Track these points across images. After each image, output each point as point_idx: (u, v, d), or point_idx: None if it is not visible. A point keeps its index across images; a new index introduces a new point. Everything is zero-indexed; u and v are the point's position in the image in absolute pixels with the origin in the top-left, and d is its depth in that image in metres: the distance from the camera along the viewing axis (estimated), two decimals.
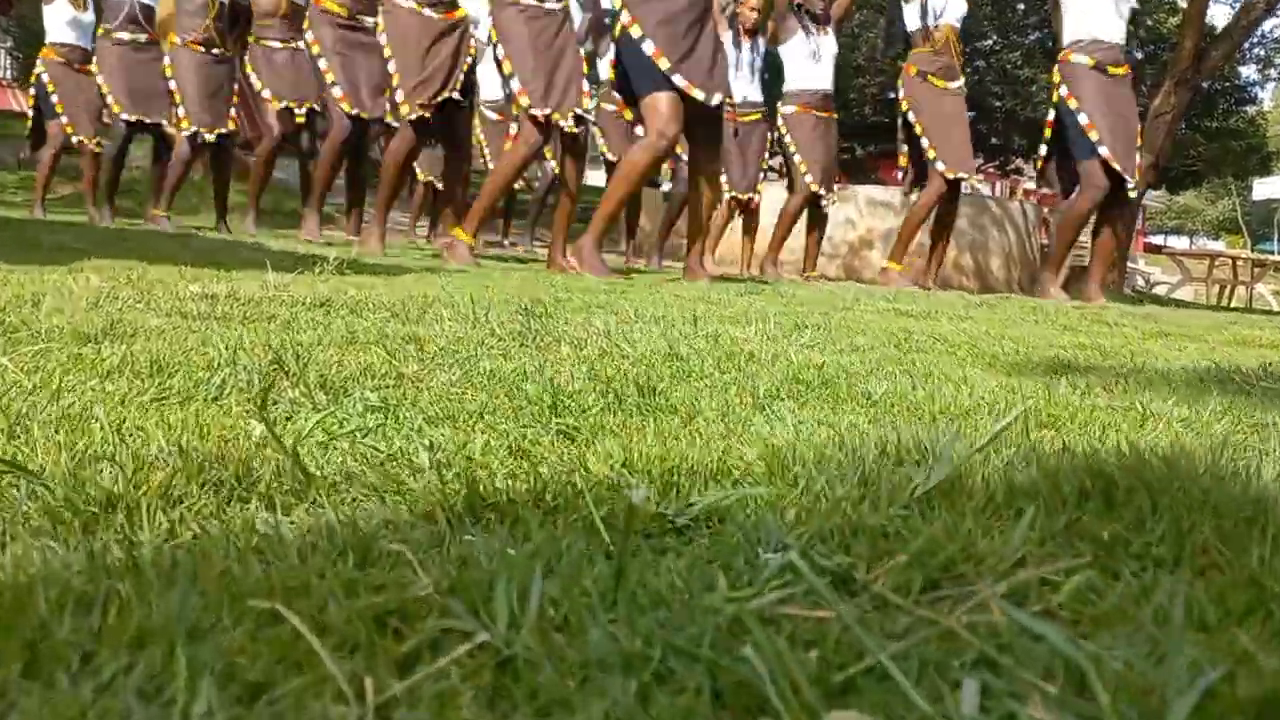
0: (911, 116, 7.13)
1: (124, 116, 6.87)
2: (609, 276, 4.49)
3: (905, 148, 7.44)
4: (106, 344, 1.23)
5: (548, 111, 4.66)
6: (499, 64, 4.78)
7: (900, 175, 8.13)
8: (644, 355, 1.44)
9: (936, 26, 7.09)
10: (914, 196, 7.92)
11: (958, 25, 7.34)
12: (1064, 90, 6.26)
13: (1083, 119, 6.19)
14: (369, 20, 5.94)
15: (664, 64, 4.35)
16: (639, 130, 4.62)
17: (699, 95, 4.37)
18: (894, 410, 1.14)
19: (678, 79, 4.35)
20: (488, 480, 0.70)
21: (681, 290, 3.80)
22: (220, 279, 2.25)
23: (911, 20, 7.31)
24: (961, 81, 7.41)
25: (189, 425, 0.80)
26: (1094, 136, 6.18)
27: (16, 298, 1.55)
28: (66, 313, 1.44)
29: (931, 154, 7.02)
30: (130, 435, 0.76)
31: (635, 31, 4.39)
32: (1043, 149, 6.66)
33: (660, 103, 4.38)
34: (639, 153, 4.49)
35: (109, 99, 6.93)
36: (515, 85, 4.74)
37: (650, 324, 1.92)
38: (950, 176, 6.96)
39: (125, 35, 6.92)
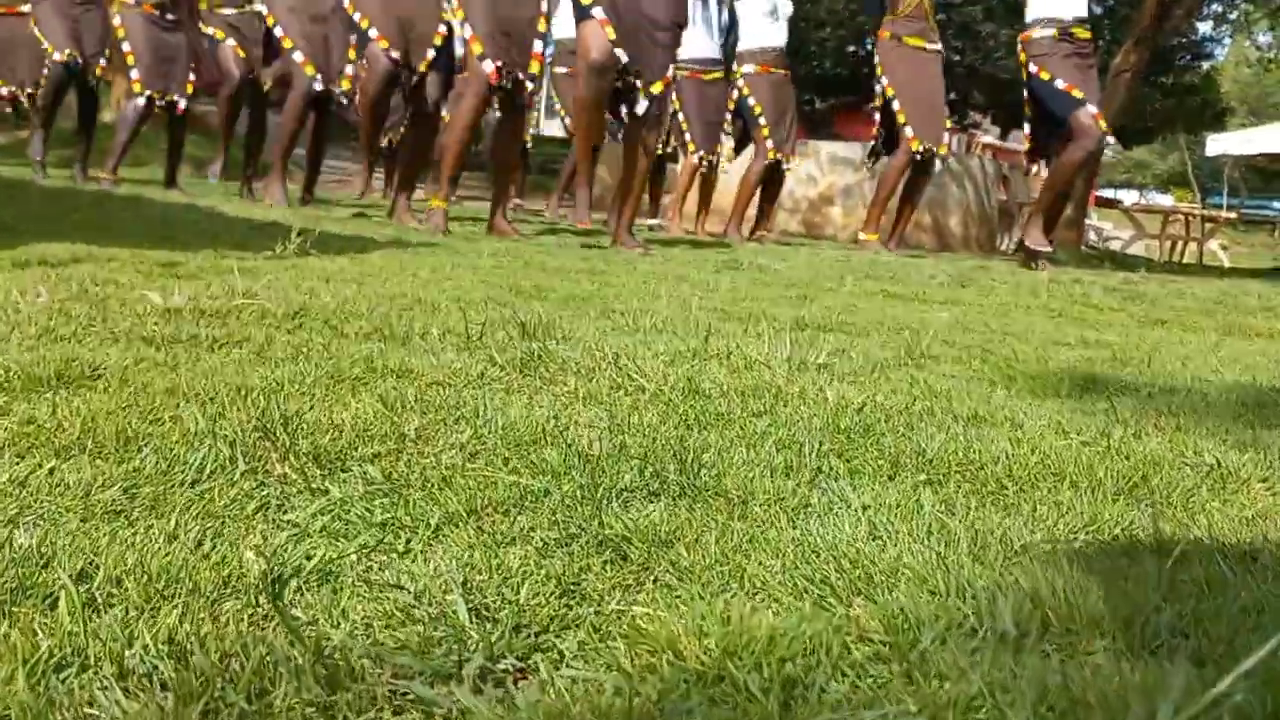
0: (885, 80, 7.03)
1: (56, 56, 6.55)
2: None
3: (877, 115, 7.34)
4: (62, 399, 1.08)
5: (498, 64, 4.56)
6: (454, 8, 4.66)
7: (872, 142, 8.02)
8: (660, 391, 1.31)
9: None
10: (878, 166, 7.84)
11: None
12: (1033, 67, 6.21)
13: (1060, 84, 6.14)
14: None
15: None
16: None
17: (610, 34, 4.29)
18: (956, 477, 1.03)
19: (596, 11, 4.25)
20: (550, 666, 0.57)
21: (656, 269, 3.66)
22: (180, 278, 2.08)
23: None
24: (939, 45, 7.32)
25: (174, 572, 0.66)
26: (1079, 94, 6.13)
27: None
28: (15, 343, 1.28)
29: (901, 118, 6.94)
30: (103, 603, 0.62)
31: None
32: (1026, 128, 6.61)
33: (582, 31, 4.33)
34: (579, 91, 4.45)
35: (45, 43, 6.61)
36: (467, 32, 4.63)
37: (653, 337, 1.79)
38: (916, 148, 6.89)
39: None
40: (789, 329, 2.11)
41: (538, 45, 4.84)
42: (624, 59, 4.36)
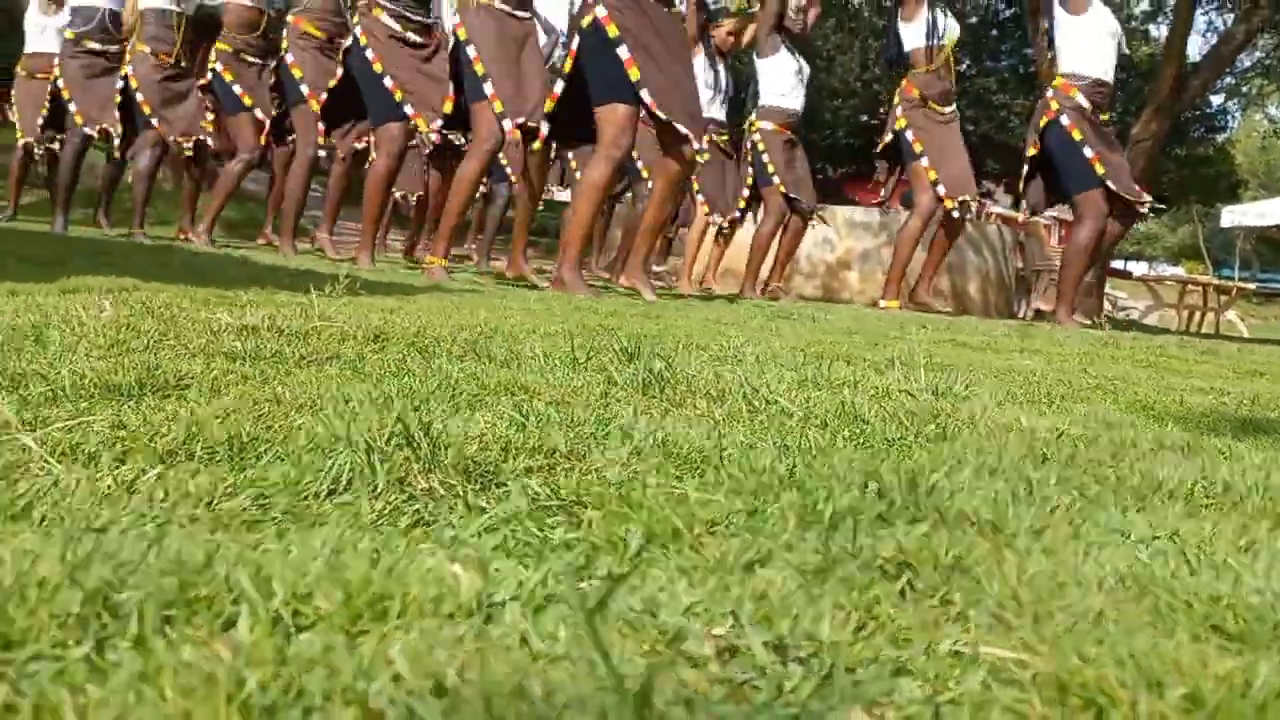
0: (910, 135, 6.97)
1: (85, 130, 6.60)
2: (592, 295, 4.27)
3: (886, 164, 7.27)
4: (150, 401, 0.92)
5: (521, 121, 4.50)
6: (469, 65, 4.60)
7: (883, 195, 7.98)
8: (811, 415, 1.15)
9: (940, 46, 6.96)
10: (895, 214, 7.78)
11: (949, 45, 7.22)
12: (1065, 120, 6.12)
13: (1088, 152, 6.06)
14: (346, 41, 5.85)
15: (635, 74, 4.16)
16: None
17: (661, 116, 4.18)
18: (1219, 506, 0.86)
19: (645, 94, 4.16)
20: None
21: (709, 315, 3.53)
22: (245, 304, 1.93)
23: (914, 39, 7.14)
24: (954, 106, 7.30)
25: (368, 588, 0.50)
26: (1100, 170, 6.06)
27: (11, 330, 1.23)
28: (82, 353, 1.13)
29: (932, 175, 6.86)
30: (291, 623, 0.46)
31: (611, 31, 4.19)
32: (1024, 168, 6.53)
33: (619, 113, 4.16)
34: (596, 167, 4.31)
35: (71, 107, 6.66)
36: (488, 89, 4.56)
37: (758, 368, 1.63)
38: (950, 206, 6.81)
39: (96, 45, 6.65)
40: (890, 367, 1.96)
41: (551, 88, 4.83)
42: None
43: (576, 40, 4.34)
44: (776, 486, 0.80)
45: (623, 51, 4.17)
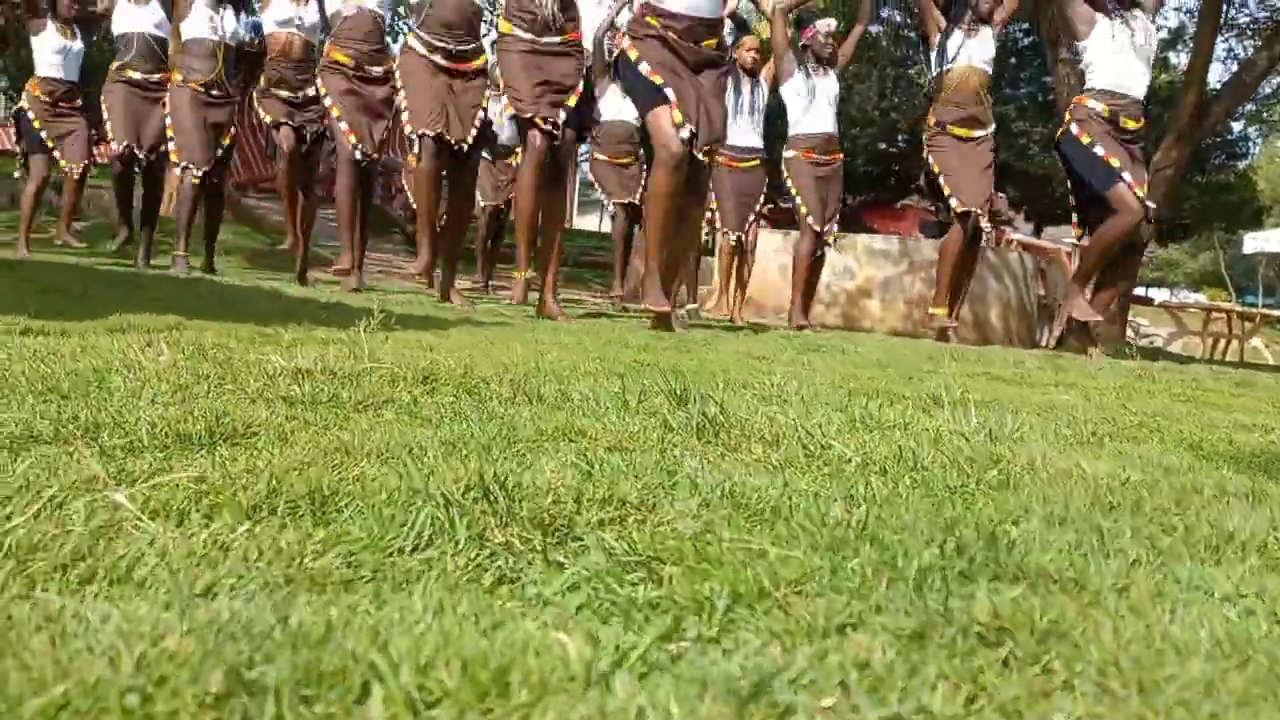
0: (931, 159, 7.01)
1: (115, 147, 6.75)
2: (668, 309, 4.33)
3: (928, 198, 7.33)
4: (224, 451, 0.93)
5: (530, 114, 4.72)
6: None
7: (920, 226, 8.02)
8: (870, 462, 1.15)
9: (947, 71, 6.97)
10: (915, 243, 7.82)
11: (986, 69, 7.16)
12: (1074, 128, 6.11)
13: (1099, 150, 6.04)
14: (376, 69, 5.97)
15: (657, 79, 4.30)
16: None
17: (678, 117, 4.27)
18: None
19: (669, 91, 4.25)
20: None
21: (739, 348, 3.53)
22: (282, 345, 1.95)
23: (932, 68, 7.20)
24: (990, 129, 7.26)
25: (483, 659, 0.50)
26: (1115, 163, 6.02)
27: (75, 377, 1.24)
28: (147, 399, 1.14)
29: (948, 190, 6.89)
30: (420, 700, 0.46)
31: (632, 54, 4.30)
32: (1071, 199, 6.54)
33: (656, 118, 4.26)
34: (653, 174, 4.44)
35: (107, 128, 6.80)
36: (506, 98, 4.79)
37: (805, 408, 1.63)
38: (960, 210, 6.80)
39: (137, 74, 6.78)
40: (935, 404, 1.96)
41: (572, 100, 4.90)
42: (694, 132, 4.33)
43: (617, 79, 4.56)
44: (852, 541, 0.80)
45: (644, 67, 4.32)
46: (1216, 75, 15.77)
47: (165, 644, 0.46)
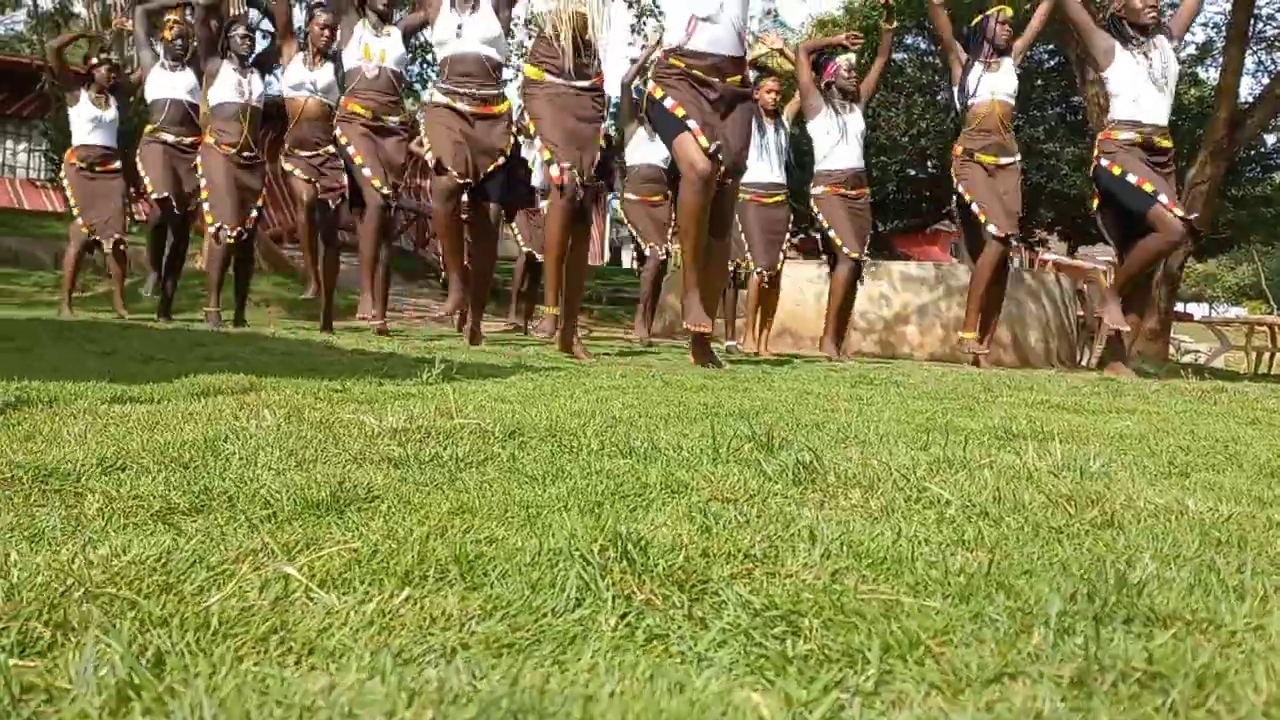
0: (961, 187, 7.06)
1: (154, 196, 7.03)
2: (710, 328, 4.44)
3: (959, 223, 7.36)
4: (353, 516, 0.97)
5: (567, 165, 4.84)
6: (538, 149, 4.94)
7: (952, 250, 8.05)
8: (971, 504, 1.17)
9: (971, 105, 7.05)
10: (950, 268, 7.86)
11: (1009, 101, 7.26)
12: (1104, 161, 6.17)
13: (1131, 178, 6.08)
14: (392, 119, 6.15)
15: (679, 112, 4.40)
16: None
17: (703, 142, 4.35)
18: None
19: (691, 123, 4.32)
20: None
21: (790, 385, 3.54)
22: (358, 402, 2.00)
23: (959, 99, 7.29)
24: (1016, 158, 7.33)
25: None
26: (1150, 188, 6.05)
27: (188, 446, 1.29)
28: (264, 465, 1.19)
29: (983, 218, 6.93)
30: None
31: (658, 93, 4.45)
32: (1105, 232, 6.57)
33: (679, 144, 4.35)
34: (683, 194, 4.51)
35: (145, 183, 7.08)
36: (537, 143, 4.98)
37: (884, 447, 1.65)
38: (999, 235, 6.85)
39: (170, 137, 7.05)
40: (1006, 438, 1.97)
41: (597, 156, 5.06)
42: (721, 159, 4.41)
43: (645, 122, 4.64)
44: (983, 588, 0.82)
45: (668, 102, 4.43)
46: (1247, 89, 15.68)
47: (403, 715, 0.49)
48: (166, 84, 7.15)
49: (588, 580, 0.81)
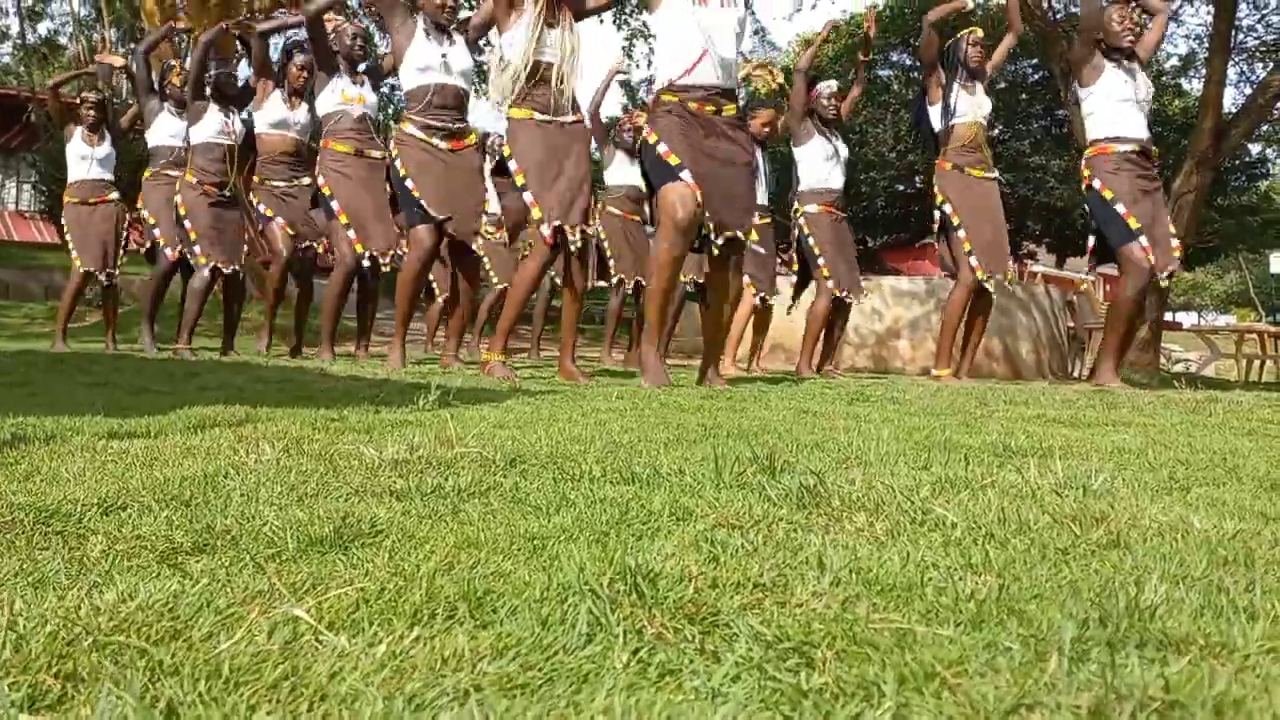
0: (948, 209, 7.09)
1: (167, 251, 7.11)
2: (669, 384, 4.36)
3: (940, 240, 7.38)
4: (359, 553, 0.97)
5: (557, 224, 4.74)
6: (512, 176, 4.85)
7: (941, 268, 8.09)
8: (976, 526, 1.17)
9: (952, 127, 7.12)
10: (941, 282, 7.93)
11: (985, 122, 7.36)
12: (1096, 182, 6.22)
13: (1120, 208, 6.13)
14: (375, 153, 6.18)
15: (674, 160, 4.37)
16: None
17: (695, 195, 4.32)
18: None
19: (685, 174, 4.32)
20: None
21: (785, 403, 3.54)
22: (356, 431, 2.00)
23: (935, 121, 7.34)
24: (995, 173, 7.42)
25: None
26: (1134, 225, 6.11)
27: (189, 481, 1.28)
28: (266, 501, 1.18)
29: (967, 247, 6.96)
30: None
31: (652, 138, 4.35)
32: (1090, 239, 6.63)
33: (666, 192, 4.30)
34: (656, 244, 4.46)
35: (155, 230, 7.15)
36: (528, 198, 4.82)
37: (885, 468, 1.65)
38: (982, 277, 6.90)
39: (175, 172, 7.13)
40: (1006, 455, 1.97)
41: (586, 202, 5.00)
42: (707, 217, 4.37)
43: (641, 162, 4.60)
44: (995, 614, 0.82)
45: (661, 148, 4.38)
46: (1231, 99, 15.81)
47: None
48: (175, 128, 7.23)
49: (598, 615, 0.80)
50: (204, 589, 0.80)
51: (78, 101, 7.63)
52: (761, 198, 7.80)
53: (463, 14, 5.77)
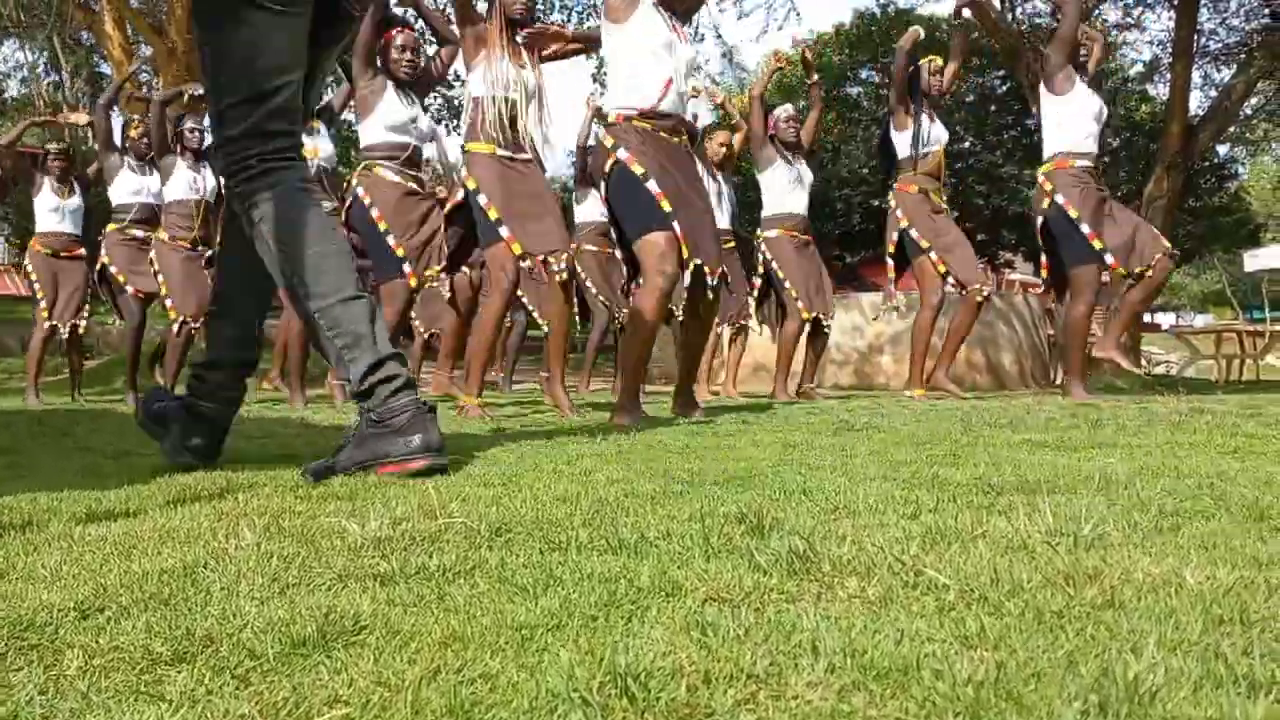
0: (914, 233, 7.15)
1: (128, 287, 7.23)
2: (642, 418, 4.37)
3: (891, 261, 7.43)
4: (342, 656, 0.94)
5: (540, 256, 4.79)
6: (482, 211, 4.85)
7: (887, 294, 8.15)
8: (970, 589, 1.16)
9: (924, 156, 7.21)
10: (893, 304, 8.05)
11: (939, 149, 7.50)
12: (1060, 198, 6.29)
13: (1085, 228, 6.20)
14: (327, 205, 6.28)
15: (666, 207, 4.34)
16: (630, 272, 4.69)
17: (684, 251, 4.31)
18: None
19: (676, 226, 4.31)
20: None
21: (770, 436, 3.53)
22: (339, 499, 1.97)
23: (903, 148, 7.42)
24: (944, 200, 7.59)
25: None
26: (1098, 245, 6.19)
27: (165, 575, 1.26)
28: (246, 596, 1.16)
29: (942, 268, 7.04)
30: None
31: (637, 169, 4.36)
32: (1043, 258, 6.71)
33: (657, 241, 4.32)
34: (643, 298, 4.38)
35: (112, 272, 7.23)
36: (505, 232, 4.84)
37: (875, 519, 1.64)
38: (973, 292, 6.98)
39: (139, 233, 7.25)
40: (994, 493, 1.96)
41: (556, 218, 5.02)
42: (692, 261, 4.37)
43: (604, 187, 4.49)
44: (993, 701, 0.81)
45: (652, 186, 4.32)
46: (1196, 102, 16.00)
47: None
48: (136, 185, 7.30)
49: (596, 715, 0.78)
50: (184, 717, 0.78)
51: (42, 151, 7.66)
52: (723, 222, 7.84)
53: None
